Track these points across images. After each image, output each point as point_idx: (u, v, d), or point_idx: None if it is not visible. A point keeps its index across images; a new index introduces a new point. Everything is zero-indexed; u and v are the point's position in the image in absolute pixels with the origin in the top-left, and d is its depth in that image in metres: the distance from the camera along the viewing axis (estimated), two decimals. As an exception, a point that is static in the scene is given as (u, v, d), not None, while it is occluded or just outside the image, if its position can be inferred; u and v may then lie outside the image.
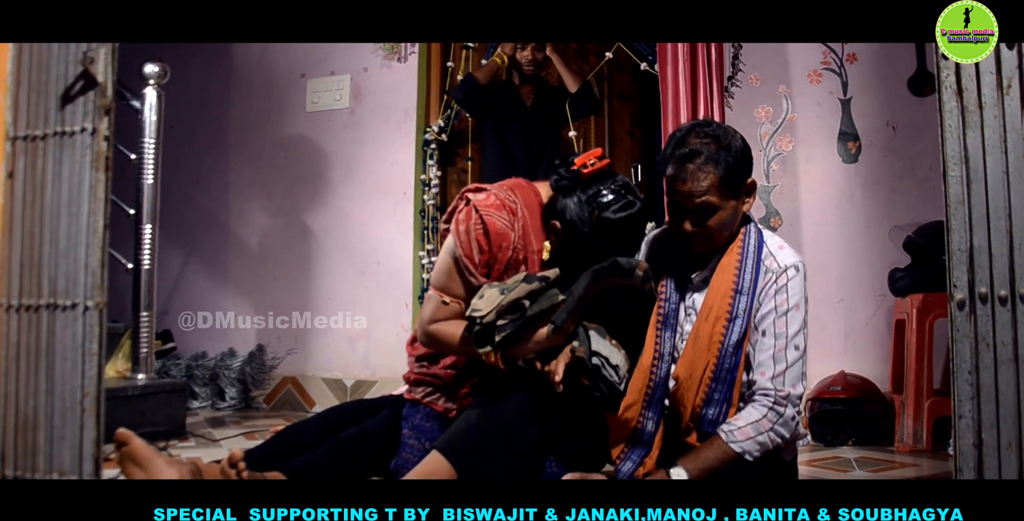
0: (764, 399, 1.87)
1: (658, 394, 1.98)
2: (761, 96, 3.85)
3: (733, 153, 1.87)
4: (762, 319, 1.90)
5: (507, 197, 2.05)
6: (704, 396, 1.91)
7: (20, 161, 1.55)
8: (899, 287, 3.31)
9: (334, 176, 4.43)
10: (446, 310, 2.04)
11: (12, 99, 1.57)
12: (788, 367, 1.87)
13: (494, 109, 3.78)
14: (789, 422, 1.85)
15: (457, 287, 2.04)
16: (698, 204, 1.87)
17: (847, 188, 3.71)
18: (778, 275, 1.91)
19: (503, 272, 2.02)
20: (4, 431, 1.52)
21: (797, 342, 1.88)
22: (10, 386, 1.51)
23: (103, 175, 1.49)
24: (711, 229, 1.90)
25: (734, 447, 1.84)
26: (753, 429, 1.84)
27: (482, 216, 2.01)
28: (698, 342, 1.92)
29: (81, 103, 1.52)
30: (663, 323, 2.00)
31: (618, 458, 1.99)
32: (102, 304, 1.47)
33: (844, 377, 3.35)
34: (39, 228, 1.52)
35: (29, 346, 1.50)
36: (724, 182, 1.86)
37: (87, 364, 1.45)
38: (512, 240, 2.02)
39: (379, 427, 2.20)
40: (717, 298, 1.92)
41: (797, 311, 1.89)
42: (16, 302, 1.52)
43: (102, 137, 1.49)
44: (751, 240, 1.95)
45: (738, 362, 1.90)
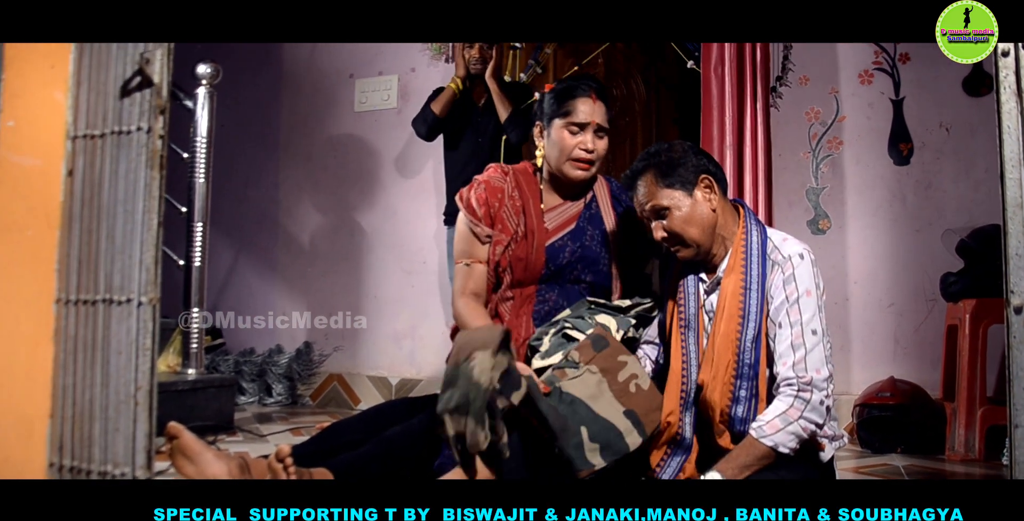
0: (788, 389, 1.86)
1: (692, 397, 1.99)
2: (811, 97, 3.81)
3: (668, 156, 2.02)
4: (776, 311, 1.92)
5: (499, 166, 2.42)
6: (730, 395, 1.91)
7: (80, 159, 1.59)
8: (952, 292, 3.24)
9: (382, 175, 4.47)
10: (469, 272, 2.31)
11: (73, 99, 1.61)
12: (808, 353, 1.86)
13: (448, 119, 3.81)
14: (818, 407, 1.83)
15: (473, 247, 2.32)
16: (649, 210, 2.02)
17: (898, 190, 3.65)
18: (783, 266, 1.93)
19: (504, 219, 2.29)
20: (62, 422, 1.55)
21: (813, 327, 1.88)
22: (67, 378, 1.55)
23: (158, 173, 1.52)
24: (675, 230, 1.99)
25: (766, 441, 1.82)
26: (782, 420, 1.83)
27: (479, 180, 2.36)
28: (717, 342, 1.95)
29: (137, 103, 1.55)
30: (685, 326, 2.04)
31: (658, 466, 2.00)
32: (155, 300, 1.50)
33: (893, 383, 3.29)
34: (96, 225, 1.56)
35: (85, 340, 1.54)
36: (667, 184, 1.99)
37: (140, 358, 1.48)
38: (506, 190, 2.32)
39: (424, 426, 2.21)
40: (728, 297, 1.96)
41: (808, 297, 1.90)
42: (73, 297, 1.56)
43: (157, 136, 1.52)
44: (753, 237, 1.99)
45: (758, 357, 1.91)
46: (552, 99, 2.31)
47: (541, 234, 2.31)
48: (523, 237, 2.29)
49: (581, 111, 2.25)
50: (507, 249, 2.28)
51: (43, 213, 1.59)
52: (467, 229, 2.34)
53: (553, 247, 2.30)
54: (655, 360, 2.15)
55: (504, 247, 2.28)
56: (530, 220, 2.31)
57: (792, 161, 3.80)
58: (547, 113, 2.32)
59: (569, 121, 2.25)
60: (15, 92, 1.58)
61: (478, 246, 2.32)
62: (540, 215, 2.33)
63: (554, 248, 2.30)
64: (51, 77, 1.58)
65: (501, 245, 2.28)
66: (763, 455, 1.83)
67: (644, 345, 2.19)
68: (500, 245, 2.29)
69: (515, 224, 2.30)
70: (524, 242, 2.28)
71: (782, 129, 3.78)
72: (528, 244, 2.28)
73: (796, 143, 3.81)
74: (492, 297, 2.34)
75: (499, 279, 2.32)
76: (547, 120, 2.31)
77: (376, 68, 4.49)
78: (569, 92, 2.28)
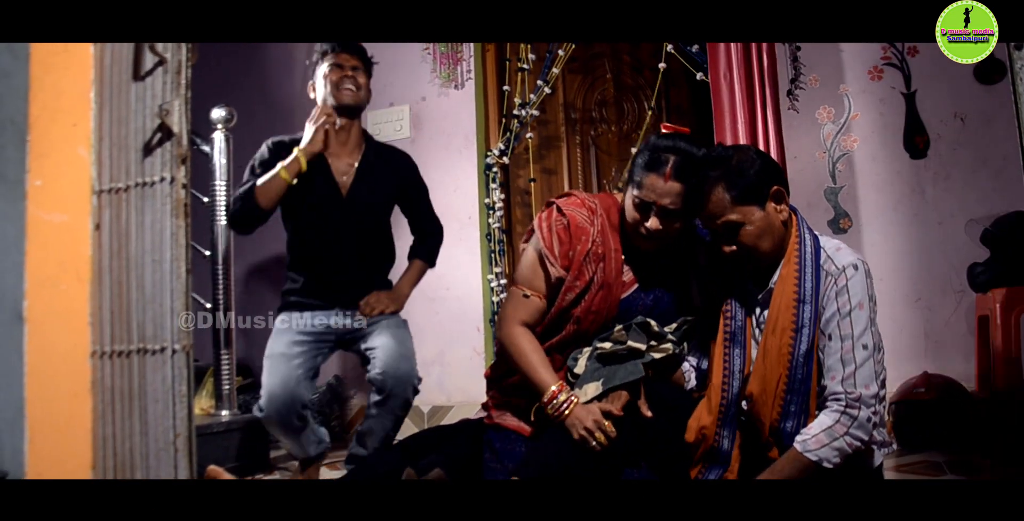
0: (835, 404, 1.82)
1: (731, 411, 1.96)
2: (822, 97, 3.80)
3: (740, 169, 1.90)
4: (827, 323, 1.87)
5: (587, 198, 2.18)
6: (780, 409, 1.88)
7: (106, 213, 1.62)
8: (980, 282, 3.21)
9: (399, 205, 4.49)
10: (526, 304, 2.15)
11: (96, 155, 1.64)
12: (857, 368, 1.82)
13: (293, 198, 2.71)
14: (865, 424, 1.80)
15: (538, 281, 2.15)
16: (720, 225, 1.91)
17: (917, 184, 3.63)
18: (837, 277, 1.88)
19: (582, 264, 2.10)
20: (104, 472, 1.57)
21: (864, 341, 1.83)
22: (107, 429, 1.57)
23: (183, 222, 1.55)
24: (745, 245, 1.91)
25: (809, 456, 1.80)
26: (827, 436, 1.80)
27: (564, 211, 2.14)
28: (768, 356, 1.90)
29: (159, 154, 1.58)
30: (731, 340, 1.99)
31: (696, 478, 1.98)
32: (188, 347, 1.53)
33: (927, 378, 3.26)
34: (126, 276, 1.59)
35: (122, 390, 1.56)
36: (739, 199, 1.89)
37: (177, 405, 1.51)
38: (591, 234, 2.11)
39: (459, 452, 2.22)
40: (781, 310, 1.91)
41: (860, 310, 1.85)
42: (108, 348, 1.59)
43: (180, 185, 1.55)
44: (807, 248, 1.93)
45: (810, 372, 1.87)
46: (639, 158, 2.06)
47: (618, 287, 2.13)
48: (599, 288, 2.11)
49: (647, 189, 2.01)
50: (580, 299, 2.11)
51: (73, 267, 1.63)
52: (537, 259, 2.16)
53: (626, 301, 2.15)
54: (697, 367, 2.13)
55: (577, 296, 2.11)
56: (608, 271, 2.12)
57: (808, 162, 3.80)
58: (632, 168, 2.09)
59: (637, 194, 2.04)
60: (41, 152, 1.61)
61: (543, 280, 2.15)
62: (620, 267, 2.14)
63: (626, 302, 2.15)
64: (74, 134, 1.62)
65: (574, 293, 2.11)
66: (805, 468, 1.81)
67: (689, 357, 2.16)
68: (573, 293, 2.11)
69: (592, 272, 2.11)
70: (600, 294, 2.11)
71: (795, 131, 3.77)
72: (603, 297, 2.11)
73: (811, 144, 3.80)
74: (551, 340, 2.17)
75: (560, 323, 2.15)
76: (629, 176, 2.10)
77: (387, 99, 4.53)
78: (649, 161, 2.03)
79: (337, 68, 2.71)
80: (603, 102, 4.24)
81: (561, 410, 2.00)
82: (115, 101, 1.60)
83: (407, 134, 4.47)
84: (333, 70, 2.71)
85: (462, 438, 2.28)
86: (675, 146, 2.01)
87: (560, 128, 4.26)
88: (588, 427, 1.94)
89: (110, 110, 1.60)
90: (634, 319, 2.08)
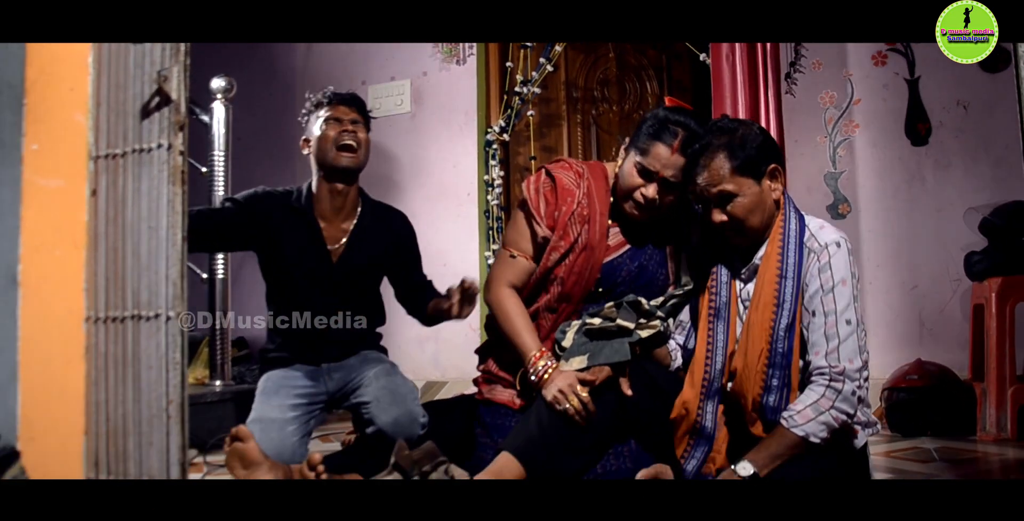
0: (820, 379, 1.85)
1: (714, 387, 1.99)
2: (825, 81, 3.79)
3: (743, 141, 1.93)
4: (810, 299, 1.91)
5: (576, 163, 2.23)
6: (763, 384, 1.90)
7: (102, 179, 1.61)
8: (976, 271, 3.22)
9: (399, 179, 4.48)
10: (513, 264, 2.20)
11: (93, 120, 1.63)
12: (841, 342, 1.85)
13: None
14: (849, 397, 1.83)
15: (525, 241, 2.21)
16: (715, 194, 1.93)
17: (917, 171, 3.63)
18: (819, 254, 1.91)
19: (567, 224, 2.14)
20: (97, 438, 1.57)
21: (848, 316, 1.87)
22: (100, 395, 1.57)
23: (179, 189, 1.53)
24: (736, 217, 1.94)
25: (796, 431, 1.82)
26: (813, 410, 1.83)
27: (551, 174, 2.18)
28: (751, 331, 1.94)
29: (157, 120, 1.57)
30: (715, 316, 2.02)
31: (682, 457, 2.00)
32: (183, 314, 1.52)
33: (920, 365, 3.28)
34: (121, 243, 1.57)
35: (116, 356, 1.56)
36: (739, 170, 1.91)
37: (171, 372, 1.50)
38: (577, 196, 2.16)
39: (452, 428, 2.23)
40: (764, 285, 1.94)
41: (843, 286, 1.88)
42: (103, 314, 1.58)
43: (177, 152, 1.54)
44: (791, 225, 1.96)
45: (791, 347, 1.90)
46: (646, 126, 2.09)
47: (601, 250, 2.17)
48: (582, 249, 2.15)
49: (652, 157, 2.04)
50: (564, 259, 2.15)
51: (69, 233, 1.61)
52: (525, 219, 2.21)
53: (610, 265, 2.18)
54: (683, 345, 2.15)
55: (561, 256, 2.15)
56: (592, 233, 2.15)
57: (809, 147, 3.79)
58: (637, 134, 2.11)
59: (640, 161, 2.06)
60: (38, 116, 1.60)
61: (530, 241, 2.20)
62: (605, 230, 2.18)
63: (611, 266, 2.18)
64: (71, 100, 1.60)
65: (558, 253, 2.15)
66: (793, 444, 1.83)
67: (676, 335, 2.18)
68: (557, 253, 2.15)
69: (576, 233, 2.15)
70: (583, 256, 2.14)
71: (797, 115, 3.76)
72: (586, 259, 2.15)
73: (812, 128, 3.79)
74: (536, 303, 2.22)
75: (544, 284, 2.21)
76: (632, 142, 2.12)
77: (388, 73, 4.51)
78: (658, 131, 2.05)
79: (335, 122, 2.37)
80: (605, 81, 4.22)
81: (541, 375, 2.03)
82: (113, 66, 1.58)
83: (408, 109, 4.45)
84: (330, 125, 2.38)
85: (456, 413, 2.29)
86: (685, 122, 2.04)
87: (561, 106, 4.25)
88: (562, 390, 1.97)
89: (108, 75, 1.58)
90: (625, 297, 2.09)
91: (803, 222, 1.98)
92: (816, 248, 1.93)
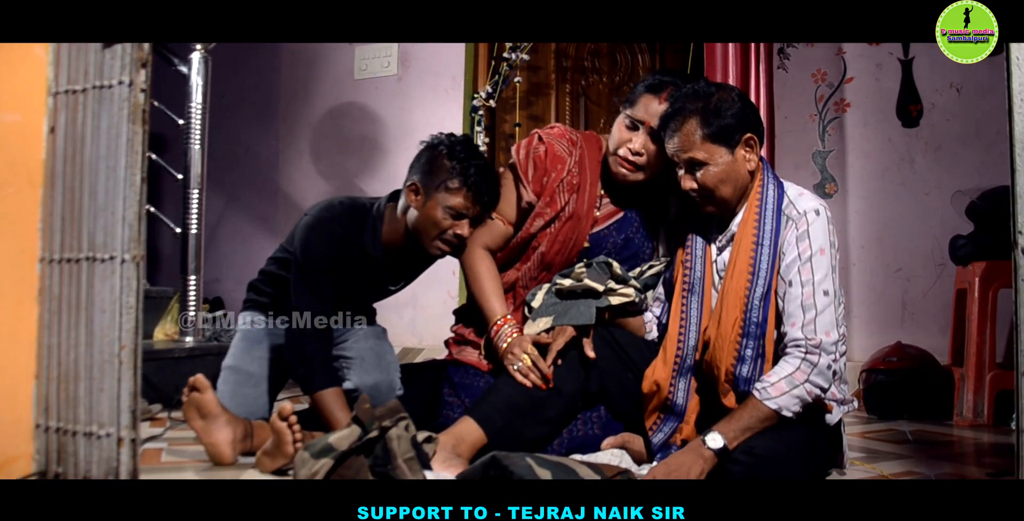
0: (796, 351, 1.80)
1: (687, 364, 1.94)
2: (817, 58, 3.74)
3: (718, 108, 1.85)
4: (787, 269, 1.84)
5: (570, 131, 2.20)
6: (736, 354, 1.86)
7: (61, 116, 1.55)
8: (961, 255, 3.19)
9: (383, 143, 4.42)
10: (491, 226, 2.16)
11: (54, 55, 1.57)
12: (818, 314, 1.79)
13: None
14: (825, 371, 1.78)
15: (508, 206, 2.16)
16: (685, 160, 1.88)
17: (907, 153, 3.59)
18: (798, 221, 1.85)
19: (555, 192, 2.11)
20: (47, 382, 1.53)
21: (825, 287, 1.81)
22: (52, 338, 1.52)
23: (139, 128, 1.48)
24: (706, 186, 1.88)
25: (769, 404, 1.77)
26: (787, 383, 1.77)
27: (544, 139, 2.15)
28: (726, 300, 1.89)
29: (119, 56, 1.51)
30: (688, 291, 1.97)
31: (651, 429, 1.97)
32: (139, 258, 1.47)
33: (900, 348, 3.25)
34: (79, 182, 1.52)
35: (69, 299, 1.51)
36: (711, 137, 1.85)
37: (124, 317, 1.45)
38: (568, 164, 2.13)
39: (421, 391, 2.20)
40: (740, 253, 1.89)
41: (821, 255, 1.82)
42: (57, 255, 1.53)
43: (139, 90, 1.48)
44: (769, 191, 1.90)
45: (766, 316, 1.85)
46: (642, 81, 2.09)
47: (588, 221, 2.14)
48: (568, 218, 2.12)
49: (640, 107, 2.03)
50: (548, 226, 2.12)
51: (25, 171, 1.56)
52: (512, 183, 2.17)
53: (596, 236, 2.16)
54: (659, 318, 2.10)
55: (546, 223, 2.12)
56: (581, 203, 2.13)
57: (798, 124, 3.74)
58: (633, 89, 2.10)
59: (628, 113, 2.04)
60: (-5, 48, 1.54)
61: (513, 205, 2.17)
62: (594, 200, 2.15)
63: (597, 237, 2.16)
64: (29, 30, 1.54)
65: (542, 220, 2.12)
66: (765, 417, 1.78)
67: (653, 307, 2.14)
68: (541, 219, 2.12)
69: (564, 201, 2.12)
70: (568, 224, 2.12)
71: (788, 91, 3.71)
72: (571, 228, 2.12)
73: (802, 105, 3.74)
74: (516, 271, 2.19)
75: (523, 251, 2.17)
76: (624, 102, 2.10)
77: (376, 34, 4.43)
78: (648, 83, 2.05)
79: (455, 216, 2.08)
80: (596, 52, 4.16)
81: (499, 343, 2.01)
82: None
83: (394, 71, 4.38)
84: (449, 214, 2.07)
85: (426, 376, 2.26)
86: (674, 80, 2.03)
87: (551, 75, 4.19)
88: (513, 352, 1.95)
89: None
90: (596, 258, 2.04)
91: (782, 189, 1.92)
92: (795, 216, 1.87)
